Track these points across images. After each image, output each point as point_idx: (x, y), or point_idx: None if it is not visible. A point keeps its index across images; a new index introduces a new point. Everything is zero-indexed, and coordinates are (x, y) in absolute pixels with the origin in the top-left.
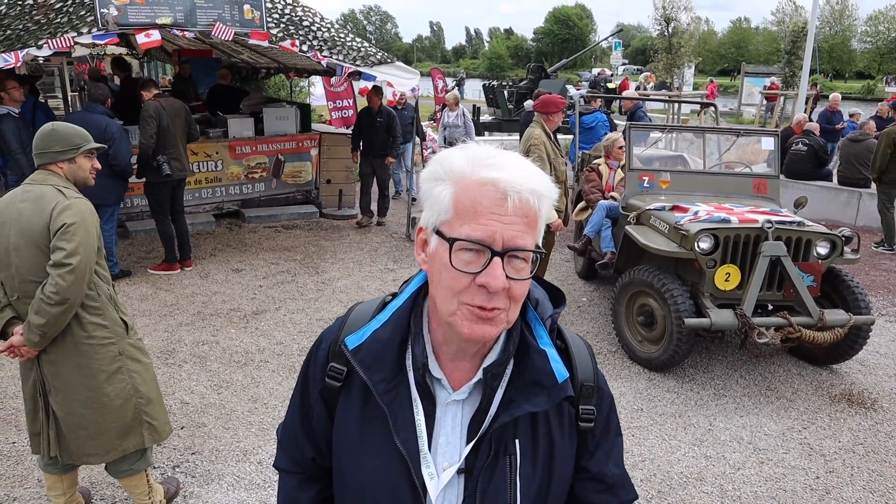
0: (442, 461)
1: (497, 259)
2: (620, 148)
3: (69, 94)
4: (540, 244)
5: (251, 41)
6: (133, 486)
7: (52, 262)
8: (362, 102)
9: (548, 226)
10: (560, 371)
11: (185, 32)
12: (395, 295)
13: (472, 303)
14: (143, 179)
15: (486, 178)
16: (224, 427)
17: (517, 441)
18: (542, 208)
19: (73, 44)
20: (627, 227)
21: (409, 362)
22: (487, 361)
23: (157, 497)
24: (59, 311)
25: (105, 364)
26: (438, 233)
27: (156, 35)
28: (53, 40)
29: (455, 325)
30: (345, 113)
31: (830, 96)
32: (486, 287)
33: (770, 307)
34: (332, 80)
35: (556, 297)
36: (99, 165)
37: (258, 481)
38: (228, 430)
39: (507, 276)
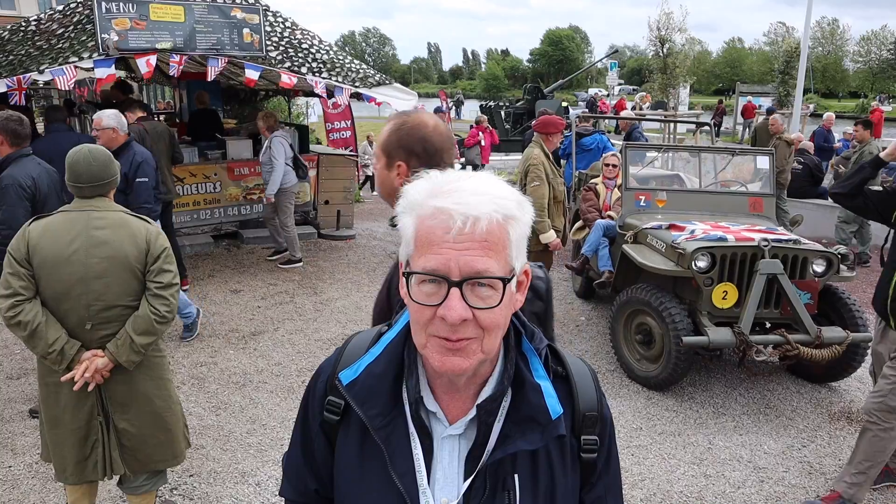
0: (440, 496)
1: (454, 290)
2: (607, 165)
3: (69, 118)
4: (516, 268)
5: (247, 74)
6: None
7: (164, 284)
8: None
9: (546, 245)
10: (554, 407)
11: (183, 58)
12: (390, 325)
13: (438, 334)
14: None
15: (438, 207)
16: (222, 449)
17: (516, 476)
18: (508, 230)
19: (76, 73)
20: (624, 246)
21: (405, 396)
22: (482, 396)
23: None
24: (166, 329)
25: (167, 373)
26: (407, 265)
27: (153, 63)
28: (63, 73)
29: (427, 357)
30: (343, 134)
31: (824, 115)
32: (445, 318)
33: (768, 325)
34: (330, 101)
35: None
36: None
37: (256, 503)
38: (227, 452)
39: (470, 306)
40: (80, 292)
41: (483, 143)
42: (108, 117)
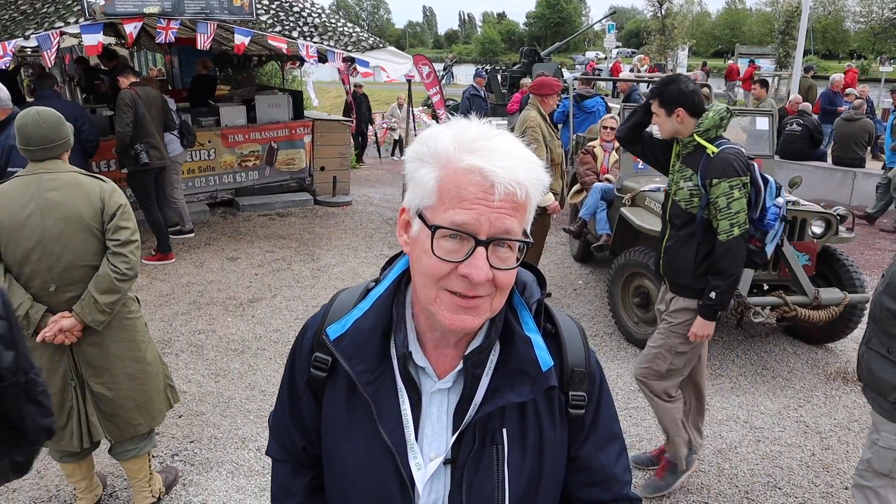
0: (429, 451)
1: (481, 248)
2: (605, 128)
3: (58, 85)
4: (528, 231)
5: (237, 40)
6: (136, 471)
7: (122, 241)
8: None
9: (544, 208)
10: (544, 359)
11: (171, 23)
12: (377, 281)
13: (453, 289)
14: (125, 171)
15: (472, 166)
16: (222, 415)
17: (504, 430)
18: (531, 194)
19: (59, 36)
20: (622, 209)
21: (393, 351)
22: (470, 348)
23: (157, 486)
24: (129, 286)
25: (141, 334)
26: (421, 217)
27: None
28: (48, 40)
29: (435, 314)
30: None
31: (831, 77)
32: (469, 277)
33: (766, 287)
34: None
35: (540, 280)
36: None
37: (257, 468)
38: (226, 418)
39: (491, 266)
40: (39, 255)
41: None
42: None
